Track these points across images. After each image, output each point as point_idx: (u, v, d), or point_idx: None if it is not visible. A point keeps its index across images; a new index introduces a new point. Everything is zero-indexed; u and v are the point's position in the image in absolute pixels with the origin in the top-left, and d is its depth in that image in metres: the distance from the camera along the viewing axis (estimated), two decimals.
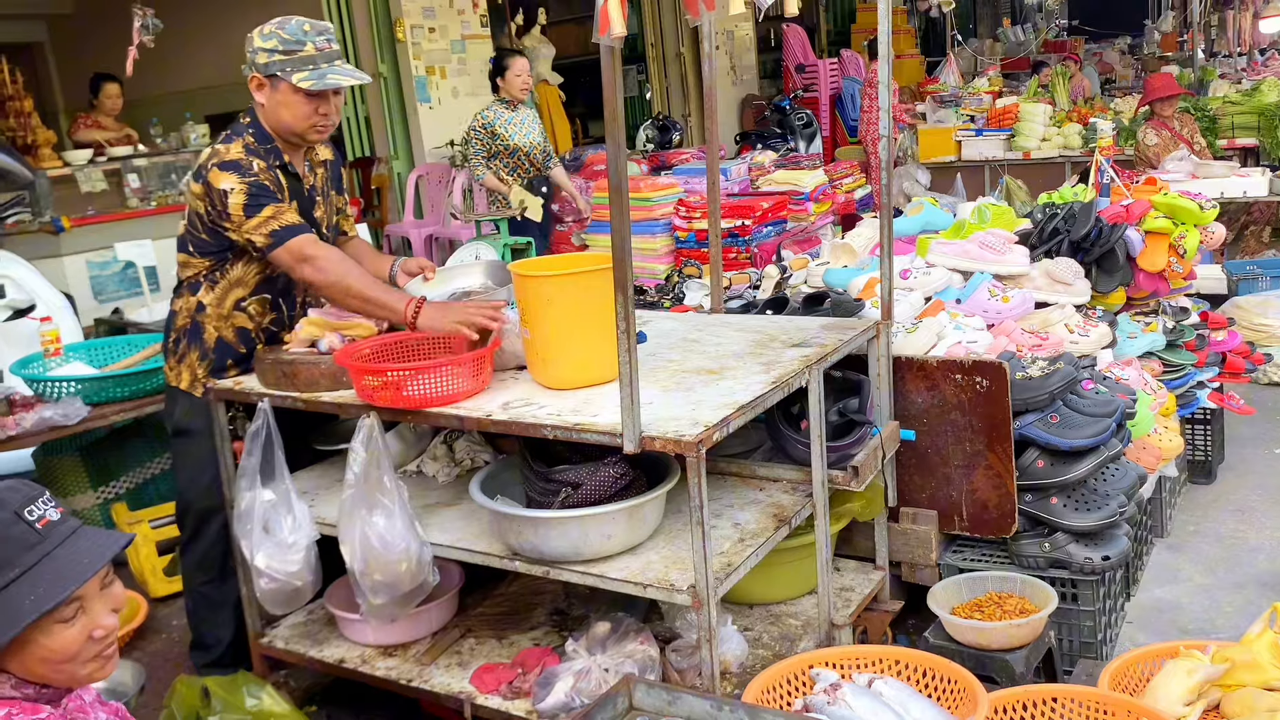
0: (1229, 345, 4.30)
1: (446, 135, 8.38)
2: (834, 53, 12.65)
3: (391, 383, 2.58)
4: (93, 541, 1.57)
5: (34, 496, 1.55)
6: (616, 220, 2.17)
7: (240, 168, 2.87)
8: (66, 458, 4.52)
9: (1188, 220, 4.06)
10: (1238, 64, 11.90)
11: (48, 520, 1.54)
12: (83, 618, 1.55)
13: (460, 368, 2.60)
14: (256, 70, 2.91)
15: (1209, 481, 4.24)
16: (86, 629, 1.55)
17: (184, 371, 3.09)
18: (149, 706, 3.12)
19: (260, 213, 2.85)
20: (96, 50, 9.45)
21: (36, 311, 5.19)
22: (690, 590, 2.32)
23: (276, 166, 2.98)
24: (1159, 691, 2.32)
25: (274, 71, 2.89)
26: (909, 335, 3.24)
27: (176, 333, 3.11)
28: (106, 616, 1.58)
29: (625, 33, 2.02)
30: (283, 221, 2.86)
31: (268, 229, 2.85)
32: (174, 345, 3.12)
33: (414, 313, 2.77)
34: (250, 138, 2.96)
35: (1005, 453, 3.04)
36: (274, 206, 2.87)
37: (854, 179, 7.95)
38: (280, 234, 2.85)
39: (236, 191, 2.84)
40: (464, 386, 2.61)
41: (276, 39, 2.88)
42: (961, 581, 2.95)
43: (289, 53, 2.88)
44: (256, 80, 2.93)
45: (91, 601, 1.56)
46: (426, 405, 2.58)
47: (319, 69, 2.89)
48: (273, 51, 2.88)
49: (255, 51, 2.91)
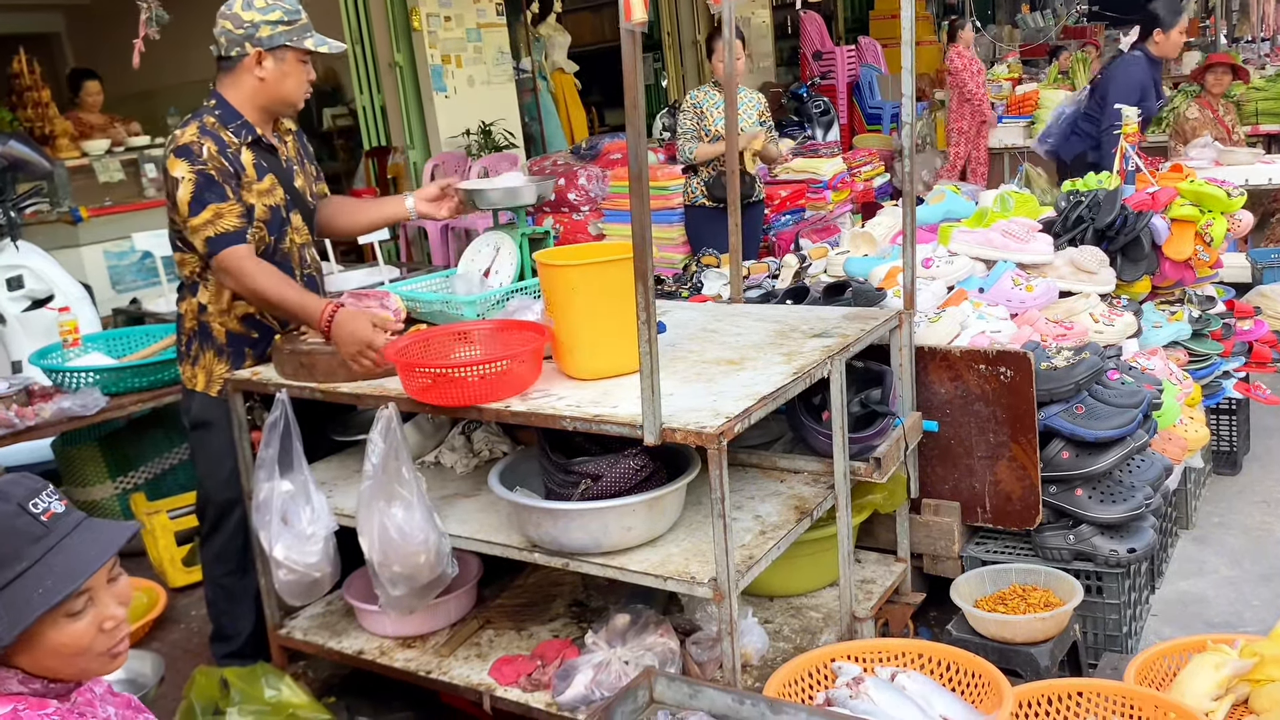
0: (1255, 334, 4.24)
1: (462, 124, 8.36)
2: (851, 39, 12.57)
3: (444, 378, 2.54)
4: (99, 533, 1.55)
5: (38, 489, 1.54)
6: (637, 209, 2.14)
7: (191, 154, 2.83)
8: (85, 448, 4.53)
9: (1214, 207, 4.01)
10: (1261, 49, 11.76)
11: (53, 513, 1.52)
12: (92, 610, 1.54)
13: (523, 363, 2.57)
14: (259, 45, 2.87)
15: (1234, 473, 4.20)
16: (96, 621, 1.54)
17: (199, 375, 3.07)
18: (168, 697, 3.13)
19: (203, 211, 2.81)
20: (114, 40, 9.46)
21: (55, 302, 5.20)
22: (711, 583, 2.29)
23: (249, 143, 2.93)
24: (1186, 686, 2.29)
25: (281, 42, 2.86)
26: (932, 325, 3.20)
27: (186, 335, 3.08)
28: (114, 608, 1.57)
29: (648, 18, 1.99)
30: (219, 228, 2.82)
31: (205, 234, 2.82)
32: (186, 349, 3.09)
33: (327, 323, 2.76)
34: (211, 118, 2.90)
35: (1029, 444, 3.01)
36: (215, 207, 2.82)
37: (872, 167, 7.90)
38: (215, 243, 2.83)
39: (185, 182, 2.81)
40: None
41: (280, 10, 2.86)
42: (985, 574, 2.92)
43: (292, 23, 2.87)
44: (257, 55, 2.88)
45: (100, 593, 1.55)
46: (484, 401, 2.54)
47: (315, 34, 2.91)
48: (277, 23, 2.86)
49: (255, 25, 2.85)
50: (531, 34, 9.82)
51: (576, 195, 7.29)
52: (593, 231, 7.16)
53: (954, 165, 8.68)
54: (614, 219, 7.03)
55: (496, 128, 8.48)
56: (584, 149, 8.05)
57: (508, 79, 8.93)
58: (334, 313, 2.77)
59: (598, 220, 7.22)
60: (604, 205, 7.27)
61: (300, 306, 2.85)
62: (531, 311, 2.91)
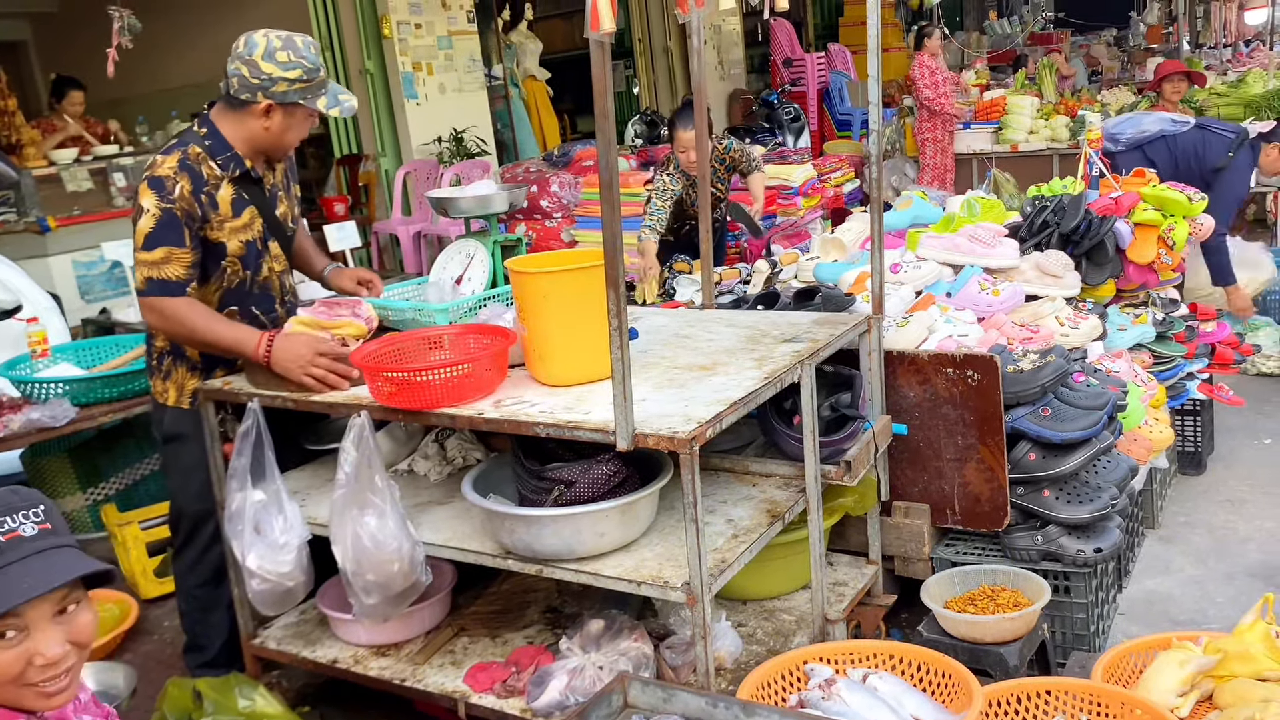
0: (1218, 336, 4.31)
1: (434, 131, 8.36)
2: (821, 47, 12.67)
3: (408, 384, 2.55)
4: (51, 564, 1.47)
5: (15, 508, 1.48)
6: (608, 216, 2.16)
7: (163, 189, 2.79)
8: (55, 459, 4.50)
9: (1176, 212, 4.08)
10: (1223, 55, 11.94)
11: (16, 534, 1.46)
12: (25, 642, 1.45)
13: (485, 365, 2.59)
14: (272, 98, 2.84)
15: (1199, 473, 4.26)
16: (26, 654, 1.45)
17: (170, 389, 3.04)
18: (140, 709, 3.11)
19: (155, 249, 2.79)
20: (81, 49, 9.40)
21: (23, 312, 5.15)
22: (684, 587, 2.31)
23: (234, 176, 2.91)
24: (1152, 683, 2.32)
25: (295, 100, 2.85)
26: (900, 329, 3.24)
27: (158, 353, 3.05)
28: (54, 646, 1.47)
29: (615, 28, 2.01)
30: (164, 273, 2.80)
31: (149, 273, 2.80)
32: (157, 363, 3.06)
33: (265, 353, 2.77)
34: (197, 148, 2.87)
35: (997, 446, 3.04)
36: (168, 250, 2.79)
37: (842, 173, 7.96)
38: (155, 285, 2.80)
39: (148, 216, 2.78)
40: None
41: (300, 69, 2.83)
42: (954, 575, 2.95)
43: (309, 80, 2.85)
44: (267, 107, 2.85)
45: (38, 626, 1.46)
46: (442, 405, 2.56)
47: (331, 93, 2.91)
48: (294, 81, 2.83)
49: (272, 80, 2.82)
50: (503, 41, 9.84)
51: (549, 202, 7.30)
52: (565, 238, 7.17)
53: (930, 172, 8.73)
54: (586, 226, 7.05)
55: (468, 135, 8.49)
56: (556, 156, 8.07)
57: (479, 86, 8.94)
58: (271, 339, 2.78)
59: (570, 227, 7.23)
60: (576, 212, 7.29)
61: (235, 341, 2.83)
62: (504, 319, 2.92)
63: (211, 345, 2.88)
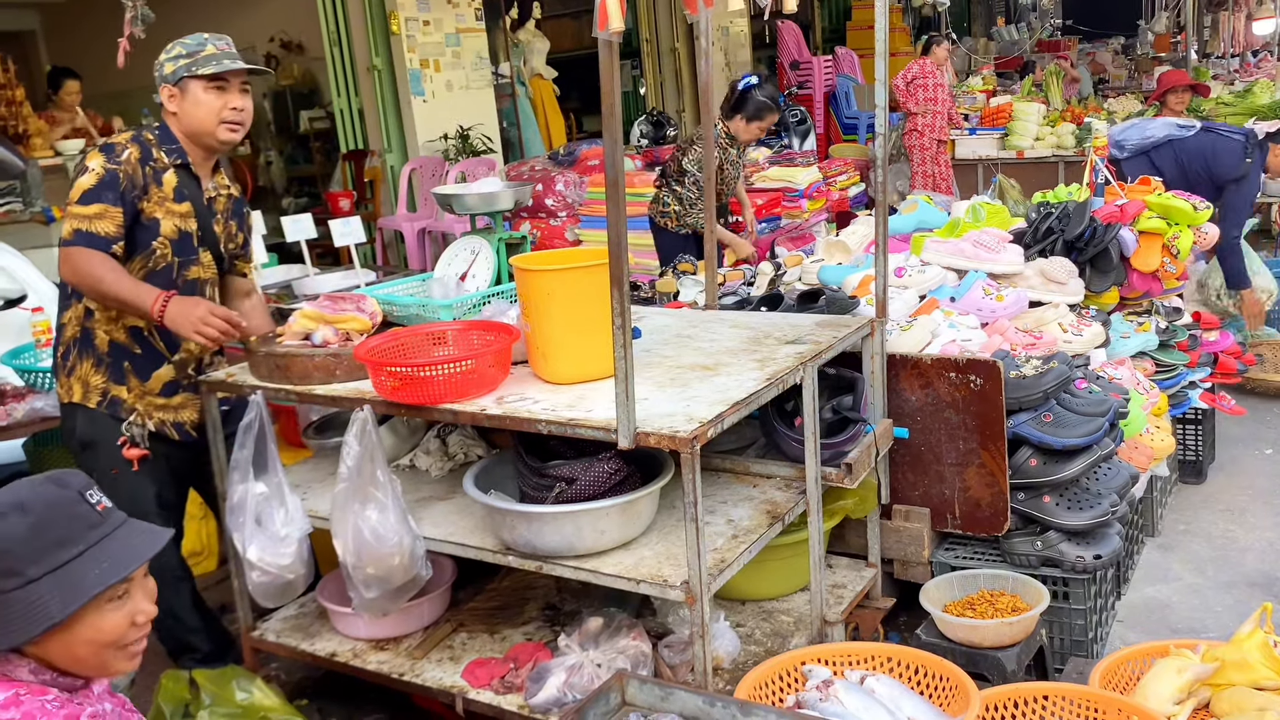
0: (1221, 346, 4.31)
1: (440, 128, 8.36)
2: (829, 50, 12.65)
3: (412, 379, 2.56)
4: (142, 530, 1.65)
5: (89, 484, 1.63)
6: (613, 215, 2.16)
7: (112, 151, 2.88)
8: (58, 449, 4.49)
9: (1181, 220, 4.08)
10: (1230, 65, 11.93)
11: (105, 505, 1.62)
12: (129, 602, 1.62)
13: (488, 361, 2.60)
14: (166, 82, 2.96)
15: (1200, 481, 4.26)
16: (130, 614, 1.62)
17: (75, 385, 3.01)
18: (137, 699, 3.10)
19: (90, 205, 2.82)
20: (89, 39, 9.42)
21: (28, 301, 5.15)
22: (683, 586, 2.32)
23: (176, 165, 2.97)
24: (1149, 690, 2.33)
25: (181, 75, 2.94)
26: (903, 333, 3.24)
27: (65, 345, 3.03)
28: (147, 604, 1.65)
29: (624, 28, 2.01)
30: (94, 227, 2.81)
31: (77, 225, 2.82)
32: (63, 359, 3.03)
33: (161, 308, 2.80)
34: (150, 135, 2.97)
35: (998, 451, 3.05)
36: (103, 207, 2.82)
37: (847, 176, 7.95)
38: (81, 236, 2.81)
39: (91, 174, 2.84)
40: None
41: (180, 48, 2.97)
42: (954, 579, 2.96)
43: (192, 55, 2.94)
44: (168, 91, 2.97)
45: (136, 588, 1.63)
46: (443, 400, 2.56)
47: (220, 62, 2.95)
48: (177, 59, 2.95)
49: (162, 66, 2.97)
50: (510, 39, 9.84)
51: (554, 201, 7.30)
52: (569, 237, 7.17)
53: (920, 179, 8.73)
54: (591, 225, 7.05)
55: (474, 133, 8.49)
56: (562, 155, 8.07)
57: (486, 84, 8.94)
58: (168, 299, 2.81)
59: (575, 226, 7.24)
60: (581, 211, 7.29)
61: (135, 296, 2.84)
62: (507, 316, 2.93)
63: (114, 298, 2.86)
